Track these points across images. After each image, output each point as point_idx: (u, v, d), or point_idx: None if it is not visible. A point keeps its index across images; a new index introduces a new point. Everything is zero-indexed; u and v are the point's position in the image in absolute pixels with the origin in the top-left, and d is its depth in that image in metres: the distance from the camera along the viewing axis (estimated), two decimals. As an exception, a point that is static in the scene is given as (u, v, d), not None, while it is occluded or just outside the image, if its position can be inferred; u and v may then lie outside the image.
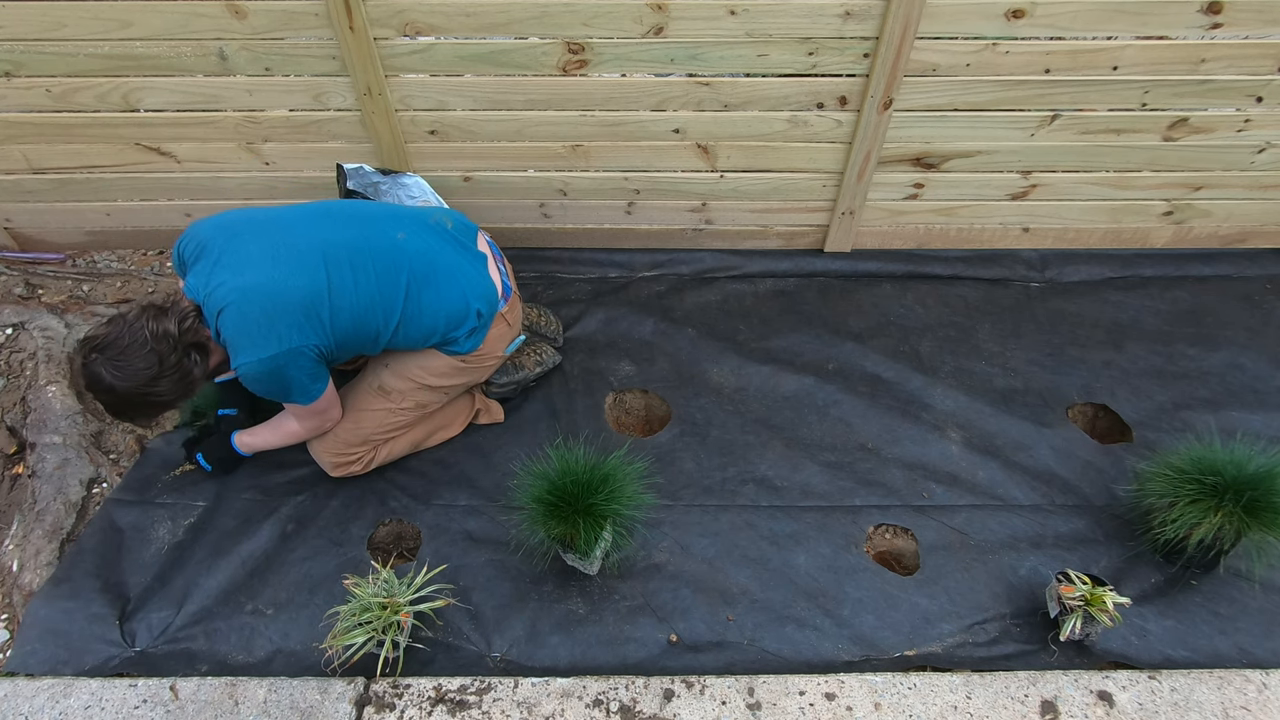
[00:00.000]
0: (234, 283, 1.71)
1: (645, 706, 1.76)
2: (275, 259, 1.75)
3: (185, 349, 1.68)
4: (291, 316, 1.72)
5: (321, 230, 1.83)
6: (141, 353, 1.63)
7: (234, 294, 1.70)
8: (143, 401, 1.68)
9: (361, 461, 2.13)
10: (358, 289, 1.81)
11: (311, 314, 1.75)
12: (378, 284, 1.84)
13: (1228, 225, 2.82)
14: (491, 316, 2.03)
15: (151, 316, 1.67)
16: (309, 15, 2.18)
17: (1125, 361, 2.52)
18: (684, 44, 2.25)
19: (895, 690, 1.79)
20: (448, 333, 1.97)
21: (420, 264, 1.91)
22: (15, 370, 2.44)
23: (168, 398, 1.70)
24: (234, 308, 1.70)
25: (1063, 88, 2.36)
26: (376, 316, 1.86)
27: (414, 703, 1.77)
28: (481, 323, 2.00)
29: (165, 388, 1.67)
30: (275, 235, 1.79)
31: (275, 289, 1.72)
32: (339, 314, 1.79)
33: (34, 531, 2.07)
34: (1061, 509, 2.14)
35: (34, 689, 1.79)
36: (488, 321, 2.02)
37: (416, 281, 1.89)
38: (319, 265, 1.77)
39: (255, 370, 1.73)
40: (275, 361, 1.73)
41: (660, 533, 2.07)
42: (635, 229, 2.83)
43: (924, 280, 2.81)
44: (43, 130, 2.48)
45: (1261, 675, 1.82)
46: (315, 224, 1.85)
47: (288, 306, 1.72)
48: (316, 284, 1.76)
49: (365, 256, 1.84)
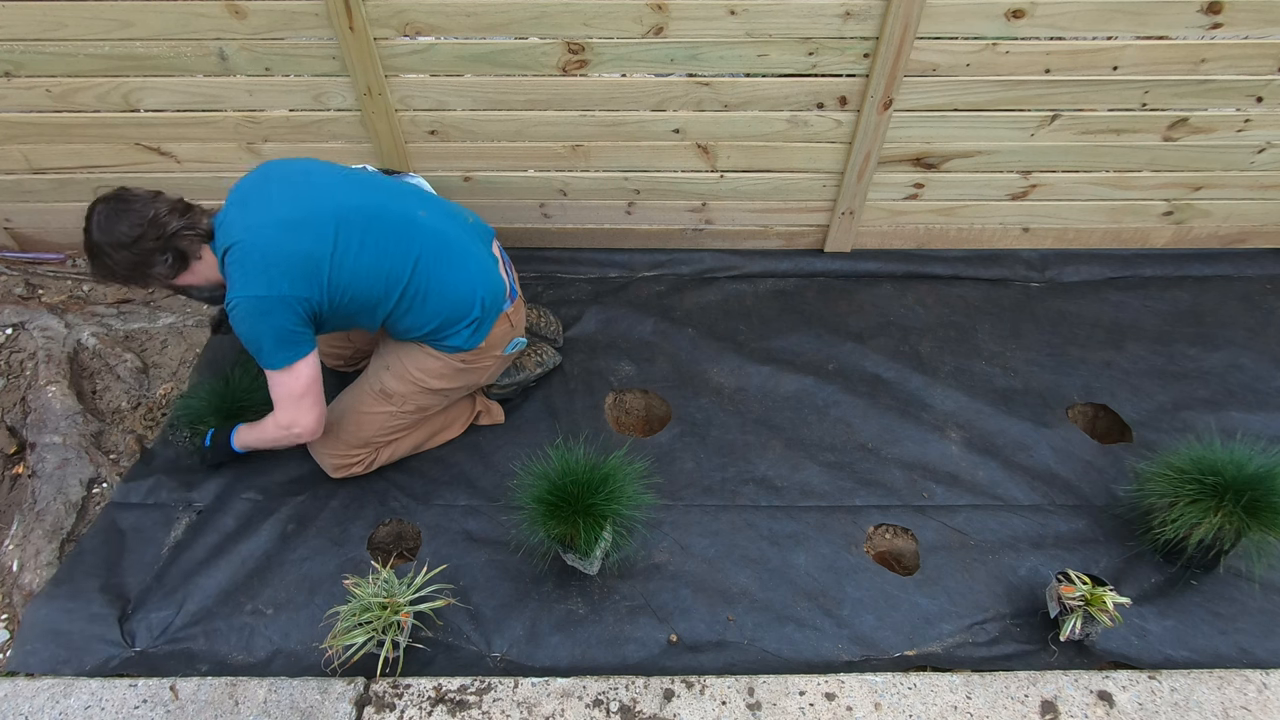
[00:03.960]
0: (246, 222, 1.78)
1: (645, 706, 1.76)
2: (292, 211, 1.80)
3: (165, 245, 1.73)
4: (289, 266, 1.76)
5: (344, 192, 1.88)
6: (131, 221, 1.70)
7: (244, 233, 1.77)
8: (99, 255, 1.73)
9: (363, 463, 2.13)
10: (363, 252, 1.83)
11: (311, 270, 1.78)
12: (386, 251, 1.86)
13: (1228, 225, 2.82)
14: (496, 312, 2.02)
15: (168, 206, 1.75)
16: (309, 15, 2.18)
17: (1125, 361, 2.52)
18: (684, 44, 2.25)
19: (895, 690, 1.79)
20: (451, 320, 1.96)
21: (435, 242, 1.93)
22: (15, 370, 2.44)
23: (119, 270, 1.75)
24: (239, 246, 1.76)
25: (1063, 88, 2.36)
26: (378, 285, 1.87)
27: (414, 703, 1.77)
28: (485, 315, 1.99)
29: (122, 259, 1.71)
30: (300, 189, 1.85)
31: (281, 238, 1.77)
32: (339, 275, 1.81)
33: (34, 531, 2.07)
34: (1061, 509, 2.14)
35: (34, 689, 1.79)
36: (491, 316, 2.02)
37: (428, 257, 1.91)
38: (330, 225, 1.81)
39: (241, 308, 1.76)
40: (263, 304, 1.75)
41: (660, 533, 2.07)
42: (635, 229, 2.83)
43: (924, 280, 2.81)
44: (43, 130, 2.48)
45: (1261, 675, 1.82)
46: (340, 185, 1.89)
47: (289, 257, 1.76)
48: (322, 244, 1.79)
49: (380, 223, 1.87)
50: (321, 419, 1.94)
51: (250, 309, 1.75)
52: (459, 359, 2.04)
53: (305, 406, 1.89)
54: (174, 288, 1.85)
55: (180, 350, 2.58)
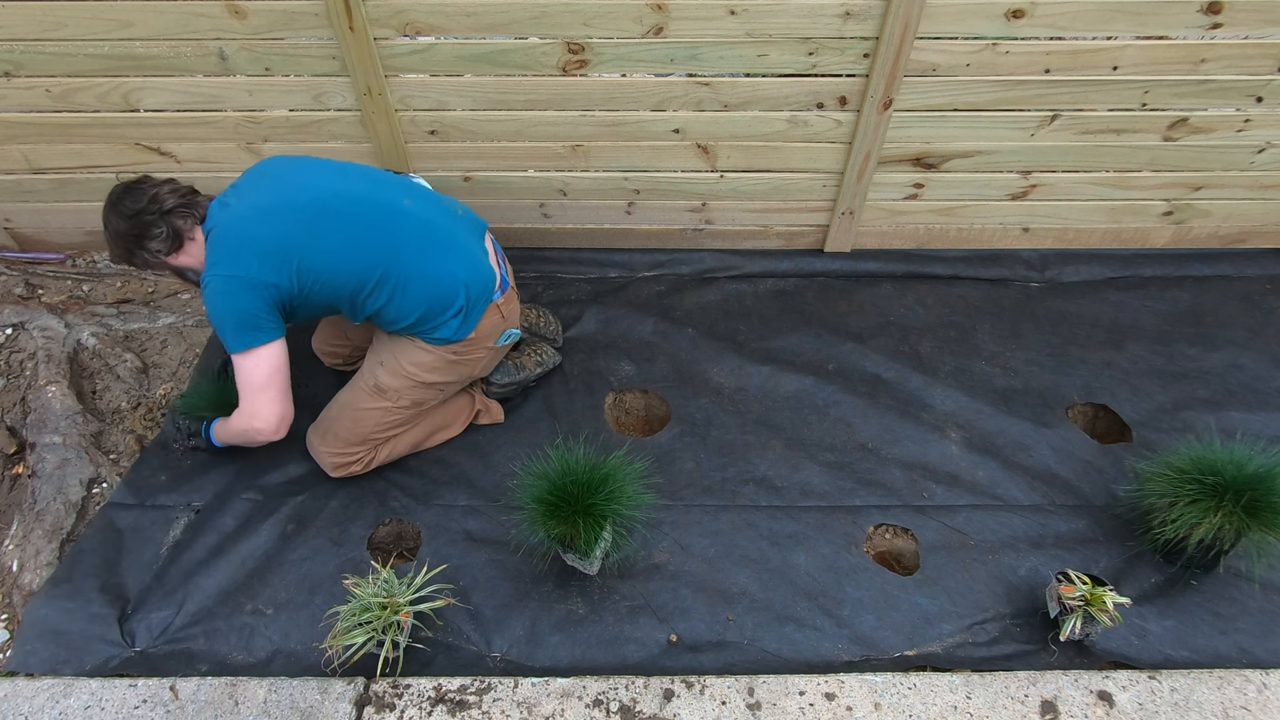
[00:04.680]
0: (230, 208, 1.87)
1: (645, 706, 1.76)
2: (272, 199, 1.87)
3: (161, 220, 1.84)
4: (258, 249, 1.81)
5: (331, 180, 1.92)
6: (135, 196, 1.84)
7: (226, 217, 1.85)
8: (106, 228, 1.88)
9: (362, 462, 2.13)
10: (337, 239, 1.86)
11: (280, 256, 1.82)
12: (361, 238, 1.88)
13: (1228, 225, 2.82)
14: (484, 302, 2.02)
15: (171, 188, 1.87)
16: (309, 15, 2.18)
17: (1125, 361, 2.52)
18: (684, 44, 2.25)
19: (895, 690, 1.79)
20: (435, 310, 1.95)
21: (416, 230, 1.94)
22: (15, 370, 2.44)
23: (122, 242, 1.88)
24: (218, 228, 1.84)
25: (1063, 88, 2.36)
26: (353, 272, 1.88)
27: (414, 703, 1.77)
28: (471, 305, 1.98)
29: (123, 229, 1.85)
30: (287, 180, 1.92)
31: (255, 222, 1.84)
32: (311, 261, 1.84)
33: (34, 531, 2.07)
34: (1061, 509, 2.14)
35: (34, 689, 1.79)
36: (479, 306, 2.01)
37: (408, 246, 1.91)
38: (306, 212, 1.86)
39: (211, 286, 1.82)
40: (229, 283, 1.80)
41: (660, 533, 2.07)
42: (635, 229, 2.83)
43: (924, 280, 2.81)
44: (43, 130, 2.48)
45: (1261, 675, 1.82)
46: (328, 175, 1.94)
47: (260, 241, 1.82)
48: (295, 230, 1.84)
49: (361, 207, 1.90)
50: (284, 419, 1.91)
51: (218, 288, 1.81)
52: (450, 351, 2.03)
53: (266, 399, 1.87)
54: (171, 268, 1.92)
55: (180, 350, 2.58)
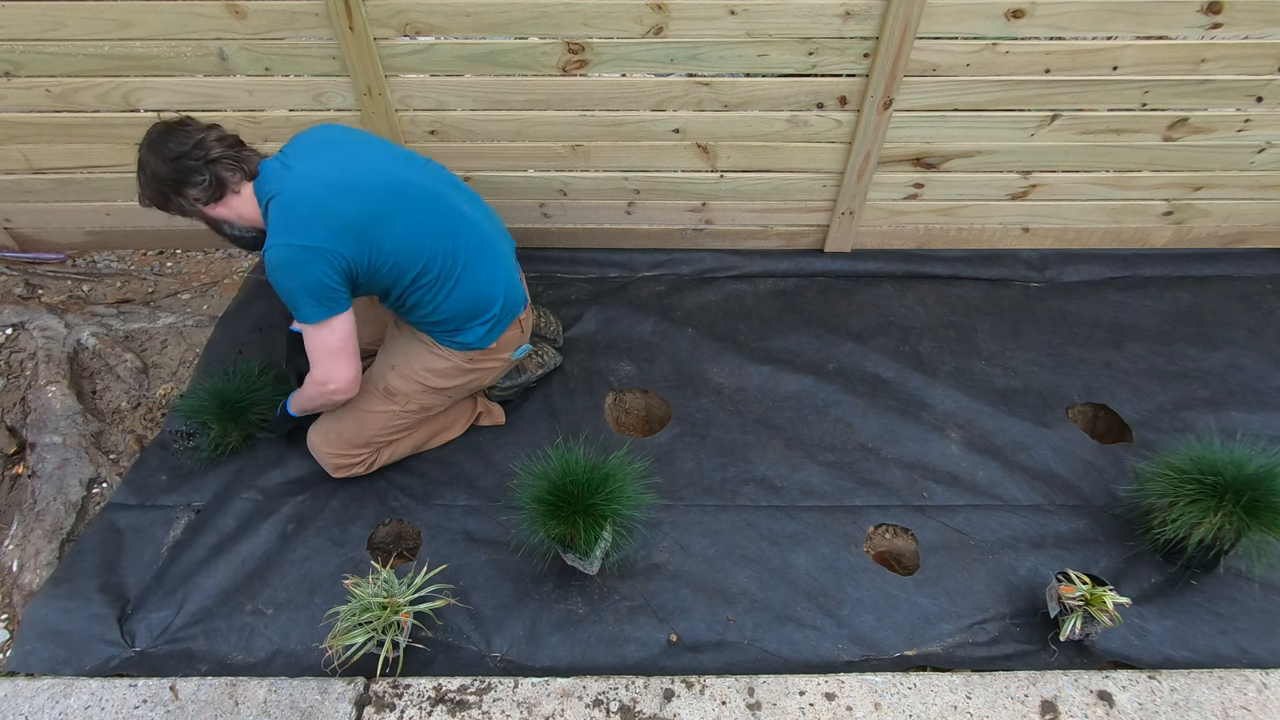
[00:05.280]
0: (296, 174, 1.79)
1: (645, 706, 1.76)
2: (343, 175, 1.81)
3: (205, 167, 1.77)
4: (335, 223, 1.76)
5: (399, 167, 1.90)
6: (179, 139, 1.75)
7: (293, 183, 1.78)
8: (143, 168, 1.78)
9: (364, 464, 2.14)
10: (412, 225, 1.85)
11: (356, 232, 1.78)
12: (435, 230, 1.89)
13: (1228, 225, 2.82)
14: (512, 315, 2.07)
15: (218, 135, 1.79)
16: (309, 15, 2.19)
17: (1125, 361, 2.52)
18: (684, 44, 2.25)
19: (895, 690, 1.79)
20: (472, 314, 1.99)
21: (476, 237, 1.97)
22: (15, 370, 2.44)
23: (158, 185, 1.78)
24: (285, 195, 1.77)
25: (1063, 88, 2.36)
26: (419, 257, 1.88)
27: (414, 703, 1.77)
28: (503, 315, 2.04)
29: (164, 172, 1.76)
30: (353, 156, 1.86)
31: (330, 196, 1.78)
32: (383, 241, 1.82)
33: (34, 531, 2.07)
34: (1061, 509, 2.14)
35: (34, 689, 1.79)
36: (508, 319, 2.06)
37: (467, 250, 1.94)
38: (380, 194, 1.82)
39: (280, 255, 1.75)
40: (303, 254, 1.74)
41: (660, 533, 2.07)
42: (635, 229, 2.83)
43: (924, 280, 2.81)
44: (43, 130, 2.48)
45: (1261, 675, 1.82)
46: (395, 161, 1.91)
47: (337, 215, 1.77)
48: (370, 210, 1.80)
49: (433, 205, 1.90)
50: (358, 376, 1.93)
51: (290, 257, 1.75)
52: (466, 358, 2.04)
53: (340, 364, 1.88)
54: (206, 218, 1.85)
55: (180, 350, 2.58)
